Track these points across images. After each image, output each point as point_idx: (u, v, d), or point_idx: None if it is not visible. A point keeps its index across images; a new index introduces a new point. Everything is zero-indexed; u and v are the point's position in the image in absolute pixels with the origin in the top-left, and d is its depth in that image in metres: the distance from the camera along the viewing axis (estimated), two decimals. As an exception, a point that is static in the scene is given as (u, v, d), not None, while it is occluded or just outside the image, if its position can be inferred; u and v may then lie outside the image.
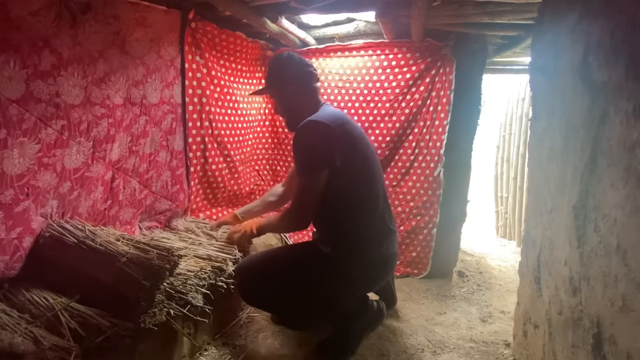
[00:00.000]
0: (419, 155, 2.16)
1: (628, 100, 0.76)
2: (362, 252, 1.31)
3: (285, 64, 1.39)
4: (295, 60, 1.40)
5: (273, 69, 1.42)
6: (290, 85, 1.37)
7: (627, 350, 0.73)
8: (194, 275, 1.29)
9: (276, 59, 1.44)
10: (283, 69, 1.39)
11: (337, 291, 1.36)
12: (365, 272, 1.34)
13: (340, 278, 1.30)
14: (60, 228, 1.19)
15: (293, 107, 1.39)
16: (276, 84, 1.41)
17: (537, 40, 1.37)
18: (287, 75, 1.37)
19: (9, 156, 1.06)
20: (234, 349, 1.45)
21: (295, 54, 1.44)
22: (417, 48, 2.05)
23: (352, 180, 1.30)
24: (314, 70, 1.42)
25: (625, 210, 0.75)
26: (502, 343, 1.58)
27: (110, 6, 1.31)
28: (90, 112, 1.29)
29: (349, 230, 1.32)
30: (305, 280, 1.30)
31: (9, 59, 1.03)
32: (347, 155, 1.27)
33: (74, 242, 1.15)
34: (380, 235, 1.36)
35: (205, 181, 1.99)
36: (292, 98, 1.38)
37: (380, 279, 1.47)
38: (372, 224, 1.35)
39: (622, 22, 0.80)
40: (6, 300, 1.04)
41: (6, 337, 0.85)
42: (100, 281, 1.11)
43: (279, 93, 1.41)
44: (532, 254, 1.30)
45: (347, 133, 1.28)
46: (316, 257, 1.33)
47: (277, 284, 1.32)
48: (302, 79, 1.38)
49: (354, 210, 1.32)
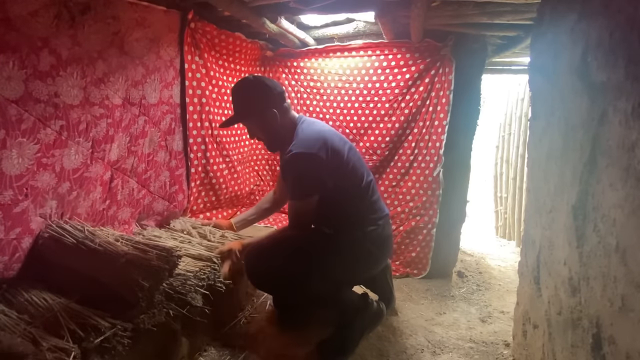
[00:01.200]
0: (418, 155, 2.16)
1: (627, 100, 0.76)
2: (361, 229, 1.41)
3: (257, 91, 1.37)
4: (262, 84, 1.37)
5: (245, 98, 1.38)
6: (267, 111, 1.35)
7: (627, 351, 0.73)
8: (193, 276, 1.29)
9: (245, 87, 1.39)
10: (256, 97, 1.37)
11: (341, 269, 1.40)
12: (365, 247, 1.42)
13: (343, 254, 1.38)
14: (59, 229, 1.19)
15: (272, 131, 1.40)
16: (248, 113, 1.39)
17: (536, 40, 1.38)
18: (258, 101, 1.36)
19: (7, 156, 1.06)
20: (233, 350, 1.45)
21: (261, 77, 1.43)
22: (417, 48, 2.06)
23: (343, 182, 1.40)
24: (281, 88, 1.41)
25: (624, 211, 0.75)
26: (502, 343, 1.58)
27: (110, 6, 1.31)
28: (89, 113, 1.29)
29: (347, 215, 1.43)
30: (311, 259, 1.35)
31: (8, 59, 1.02)
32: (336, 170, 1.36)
33: (73, 242, 1.15)
34: (376, 214, 1.46)
35: (208, 182, 2.00)
36: (270, 122, 1.37)
37: (379, 259, 1.52)
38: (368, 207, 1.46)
39: (621, 22, 0.80)
40: (5, 301, 1.04)
41: (5, 338, 0.85)
42: (100, 282, 1.11)
43: (256, 120, 1.40)
44: (532, 254, 1.30)
45: (333, 152, 1.34)
46: (320, 238, 1.42)
47: (284, 266, 1.35)
48: (276, 103, 1.37)
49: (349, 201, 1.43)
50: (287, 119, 1.41)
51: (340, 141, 1.44)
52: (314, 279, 1.36)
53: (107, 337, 0.97)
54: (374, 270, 1.60)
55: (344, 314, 1.45)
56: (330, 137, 1.39)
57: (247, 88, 1.39)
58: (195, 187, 1.92)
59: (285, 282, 1.40)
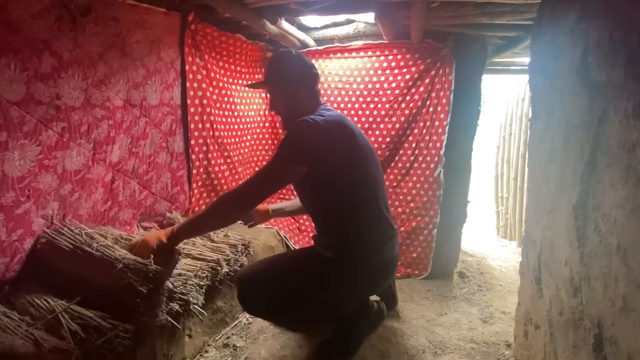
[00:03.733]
0: (419, 156, 2.16)
1: (627, 100, 0.76)
2: (364, 255, 1.29)
3: (291, 63, 1.35)
4: (301, 60, 1.36)
5: (277, 66, 1.36)
6: (294, 85, 1.32)
7: (628, 351, 0.73)
8: (194, 275, 1.29)
9: (282, 55, 1.39)
10: (289, 67, 1.34)
11: (339, 296, 1.35)
12: (367, 275, 1.32)
13: (343, 283, 1.29)
14: (57, 233, 1.19)
15: (293, 107, 1.34)
16: (278, 82, 1.35)
17: (536, 40, 1.38)
18: (292, 74, 1.33)
19: (9, 158, 1.06)
20: (234, 351, 1.45)
21: (302, 54, 1.40)
22: (417, 49, 2.06)
23: (352, 180, 1.28)
24: (316, 72, 1.39)
25: (625, 210, 0.75)
26: (503, 344, 1.58)
27: (110, 8, 1.32)
28: (90, 114, 1.30)
29: (351, 232, 1.29)
30: (308, 288, 1.28)
31: (10, 61, 1.03)
32: (343, 152, 1.24)
33: (70, 247, 1.14)
34: (382, 237, 1.34)
35: (209, 184, 2.00)
36: (293, 97, 1.33)
37: (382, 282, 1.47)
38: (374, 227, 1.33)
39: (620, 22, 0.80)
40: (7, 303, 1.04)
41: (7, 339, 0.85)
42: (99, 285, 1.10)
43: (280, 91, 1.36)
44: (533, 254, 1.30)
45: (340, 132, 1.25)
46: (318, 263, 1.29)
47: (279, 293, 1.28)
48: (305, 81, 1.34)
49: (355, 211, 1.30)
50: (312, 101, 1.35)
51: (364, 141, 1.36)
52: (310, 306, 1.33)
53: (109, 339, 0.97)
54: (377, 291, 1.58)
55: (344, 319, 1.44)
56: (344, 123, 1.29)
57: (284, 58, 1.38)
58: (197, 188, 1.92)
59: (278, 312, 1.37)
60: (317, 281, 1.29)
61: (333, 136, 1.22)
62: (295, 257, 1.50)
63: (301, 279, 1.28)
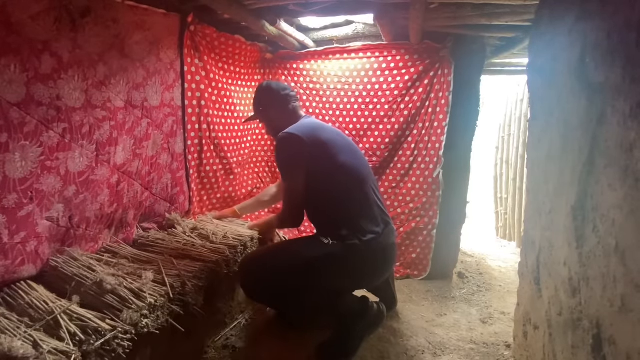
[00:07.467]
0: (418, 156, 2.17)
1: (625, 101, 0.76)
2: (360, 240, 1.39)
3: (265, 93, 1.67)
4: (269, 89, 1.67)
5: (257, 99, 1.70)
6: (272, 109, 1.64)
7: (627, 351, 0.73)
8: (193, 276, 1.29)
9: (257, 89, 1.72)
10: (263, 97, 1.67)
11: (339, 281, 1.41)
12: (365, 259, 1.41)
13: (342, 267, 1.38)
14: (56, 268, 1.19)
15: (275, 127, 1.61)
16: (258, 112, 1.71)
17: (534, 41, 1.38)
18: (268, 101, 1.65)
19: (10, 160, 1.06)
20: (233, 352, 1.45)
21: (272, 82, 1.73)
22: (416, 50, 2.06)
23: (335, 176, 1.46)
24: (291, 92, 1.66)
25: (623, 211, 0.76)
26: (503, 344, 1.58)
27: (110, 10, 1.32)
28: (91, 115, 1.29)
29: (344, 222, 1.42)
30: (308, 272, 1.34)
31: (10, 62, 1.03)
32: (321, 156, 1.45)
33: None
34: (377, 223, 1.45)
35: (199, 182, 2.00)
36: (275, 119, 1.65)
37: (381, 270, 1.52)
38: (367, 215, 1.45)
39: (619, 23, 0.80)
40: (6, 304, 1.04)
41: (5, 341, 0.85)
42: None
43: (262, 118, 1.71)
44: (532, 254, 1.30)
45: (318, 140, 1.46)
46: (318, 248, 1.39)
47: (280, 277, 1.36)
48: (280, 103, 1.63)
49: (345, 204, 1.45)
50: (293, 117, 1.62)
51: (337, 137, 1.56)
52: (311, 292, 1.36)
53: (108, 340, 0.96)
54: (376, 280, 1.60)
55: (343, 319, 1.45)
56: (320, 129, 1.53)
57: (257, 91, 1.71)
58: (196, 188, 1.92)
59: (281, 295, 1.41)
60: (316, 265, 1.36)
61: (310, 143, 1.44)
62: (295, 243, 1.63)
63: (301, 263, 1.36)
